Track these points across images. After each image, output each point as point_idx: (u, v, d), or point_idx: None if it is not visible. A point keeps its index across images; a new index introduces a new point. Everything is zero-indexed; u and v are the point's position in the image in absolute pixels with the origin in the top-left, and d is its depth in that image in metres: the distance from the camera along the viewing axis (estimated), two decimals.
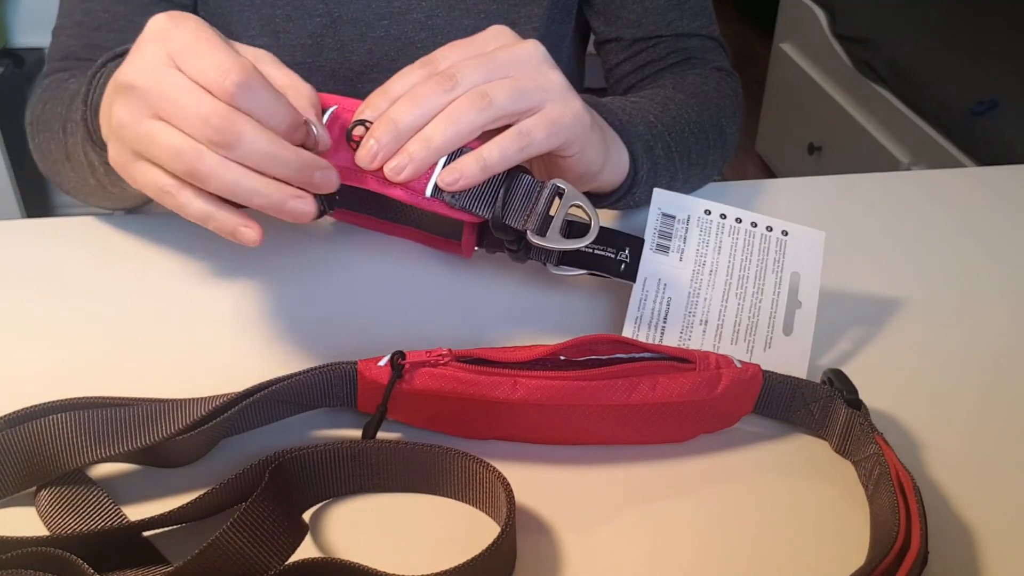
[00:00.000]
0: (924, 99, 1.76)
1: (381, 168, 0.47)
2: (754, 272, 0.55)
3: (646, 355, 0.48)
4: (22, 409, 0.46)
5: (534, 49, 0.50)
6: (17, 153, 1.83)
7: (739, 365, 0.48)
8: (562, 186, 0.51)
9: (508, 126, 0.49)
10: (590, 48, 0.90)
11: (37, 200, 1.95)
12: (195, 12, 0.76)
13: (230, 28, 0.76)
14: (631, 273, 0.55)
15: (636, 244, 0.55)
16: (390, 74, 0.51)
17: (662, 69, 0.77)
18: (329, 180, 0.45)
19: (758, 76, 2.55)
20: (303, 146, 0.45)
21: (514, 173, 0.50)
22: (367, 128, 0.47)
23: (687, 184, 0.68)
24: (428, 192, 0.48)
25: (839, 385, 0.50)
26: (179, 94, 0.43)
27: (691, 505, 0.47)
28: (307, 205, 0.44)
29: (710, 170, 0.70)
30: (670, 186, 0.65)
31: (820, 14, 2.14)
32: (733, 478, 0.48)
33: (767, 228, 0.56)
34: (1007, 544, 0.45)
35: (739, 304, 0.55)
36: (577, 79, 0.90)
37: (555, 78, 0.50)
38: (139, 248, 0.64)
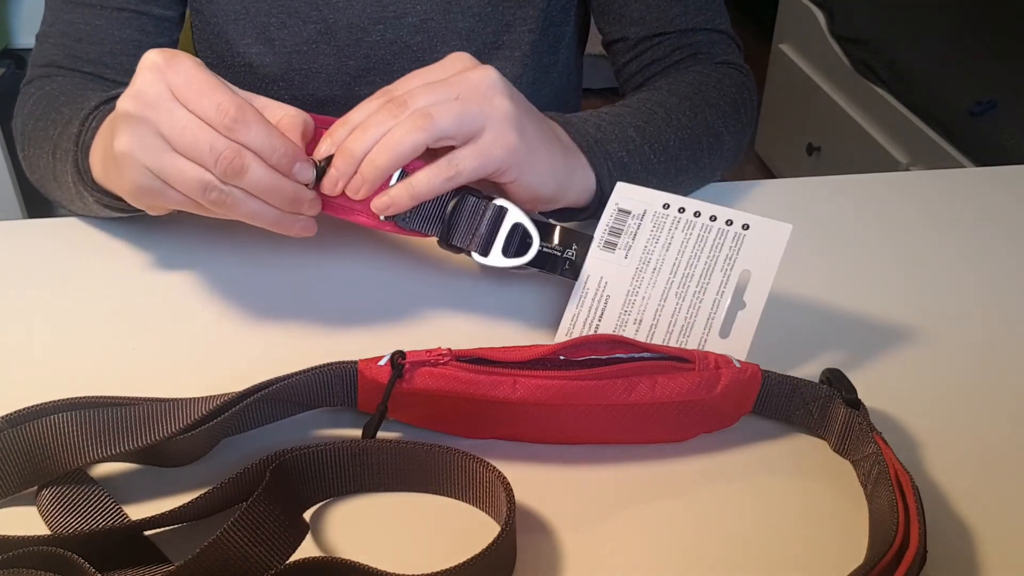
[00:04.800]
0: (923, 99, 1.76)
1: (343, 194, 0.52)
2: (700, 270, 0.54)
3: (645, 355, 0.48)
4: (23, 409, 0.46)
5: (487, 74, 0.53)
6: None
7: (738, 365, 0.48)
8: (504, 206, 0.54)
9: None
10: (592, 49, 0.89)
11: (38, 200, 1.95)
12: (182, 23, 0.76)
13: (225, 37, 0.75)
14: (575, 271, 0.56)
15: (584, 241, 0.56)
16: (387, 77, 0.52)
17: (668, 67, 0.76)
18: (316, 208, 0.52)
19: (757, 76, 2.54)
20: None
21: (460, 193, 0.54)
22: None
23: (678, 191, 0.68)
24: (383, 216, 0.53)
25: (838, 385, 0.50)
26: (192, 128, 0.47)
27: (690, 505, 0.47)
28: (310, 229, 0.53)
29: (706, 174, 0.70)
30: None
31: (819, 15, 2.14)
32: (732, 478, 0.48)
33: (726, 222, 0.54)
34: (1005, 543, 0.45)
35: (677, 304, 0.54)
36: (575, 81, 0.90)
37: (500, 105, 0.52)
38: (139, 248, 0.64)
